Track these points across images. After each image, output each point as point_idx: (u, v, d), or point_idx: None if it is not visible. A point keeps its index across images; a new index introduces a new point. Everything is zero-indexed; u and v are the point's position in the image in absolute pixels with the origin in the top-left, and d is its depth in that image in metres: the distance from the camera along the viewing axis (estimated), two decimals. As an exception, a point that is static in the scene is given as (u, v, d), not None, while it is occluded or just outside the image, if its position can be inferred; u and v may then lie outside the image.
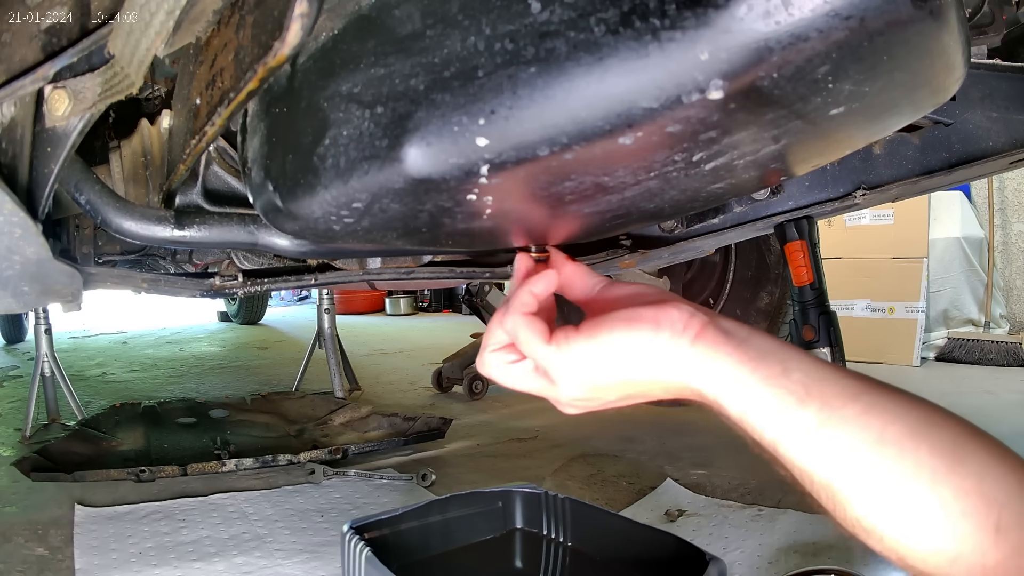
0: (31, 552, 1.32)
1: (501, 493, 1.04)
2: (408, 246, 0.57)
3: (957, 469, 0.39)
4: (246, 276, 1.10)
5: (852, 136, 0.48)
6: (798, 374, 0.43)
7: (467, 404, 2.63)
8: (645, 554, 0.89)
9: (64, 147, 0.64)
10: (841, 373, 0.44)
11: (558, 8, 0.36)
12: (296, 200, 0.49)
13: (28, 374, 2.86)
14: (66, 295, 0.79)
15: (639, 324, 0.46)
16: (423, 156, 0.41)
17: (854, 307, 3.46)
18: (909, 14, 0.34)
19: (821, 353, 1.15)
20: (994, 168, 1.14)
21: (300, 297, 8.18)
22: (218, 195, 0.88)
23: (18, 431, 2.20)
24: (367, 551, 0.80)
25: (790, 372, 0.43)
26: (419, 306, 6.98)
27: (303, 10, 0.38)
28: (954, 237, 3.48)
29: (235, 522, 1.45)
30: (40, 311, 2.24)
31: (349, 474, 1.72)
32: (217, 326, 5.92)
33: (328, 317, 2.80)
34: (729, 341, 0.45)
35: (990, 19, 1.03)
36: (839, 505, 0.41)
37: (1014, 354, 3.16)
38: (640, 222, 0.58)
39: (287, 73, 0.49)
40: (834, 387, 0.42)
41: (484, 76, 0.38)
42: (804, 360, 0.44)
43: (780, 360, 0.44)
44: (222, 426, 2.19)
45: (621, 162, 0.41)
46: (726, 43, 0.33)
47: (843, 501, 0.41)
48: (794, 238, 1.18)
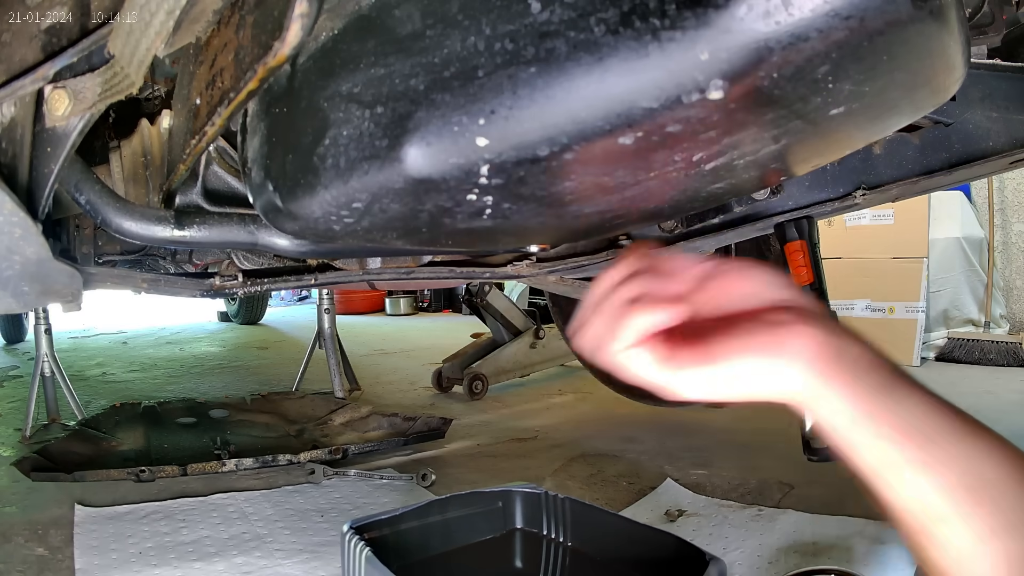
0: (31, 552, 1.32)
1: (501, 493, 1.04)
2: (408, 246, 0.57)
3: None
4: (246, 276, 1.10)
5: (852, 136, 0.48)
6: (918, 435, 0.43)
7: (467, 404, 2.63)
8: (645, 554, 0.89)
9: (64, 147, 0.64)
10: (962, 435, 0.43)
11: (558, 8, 0.36)
12: (296, 200, 0.49)
13: (28, 374, 2.86)
14: (66, 295, 0.79)
15: (760, 353, 0.43)
16: (423, 156, 0.41)
17: (854, 307, 3.46)
18: (909, 14, 0.34)
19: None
20: (994, 168, 1.15)
21: (300, 297, 8.18)
22: (218, 195, 0.88)
23: (18, 431, 2.20)
24: (367, 551, 0.80)
25: (912, 432, 0.43)
26: (419, 306, 6.98)
27: (303, 10, 0.38)
28: (954, 237, 3.48)
29: (235, 522, 1.45)
30: (40, 311, 2.24)
31: (349, 474, 1.72)
32: (217, 326, 5.92)
33: (328, 317, 2.81)
34: (854, 382, 0.43)
35: (990, 19, 1.03)
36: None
37: (1014, 354, 3.16)
38: (640, 222, 0.58)
39: (287, 73, 0.49)
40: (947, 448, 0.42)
41: (484, 76, 0.38)
42: (928, 416, 0.44)
43: (907, 419, 0.43)
44: (222, 426, 2.19)
45: (621, 162, 0.41)
46: (726, 43, 0.33)
47: None
48: (794, 238, 1.18)
